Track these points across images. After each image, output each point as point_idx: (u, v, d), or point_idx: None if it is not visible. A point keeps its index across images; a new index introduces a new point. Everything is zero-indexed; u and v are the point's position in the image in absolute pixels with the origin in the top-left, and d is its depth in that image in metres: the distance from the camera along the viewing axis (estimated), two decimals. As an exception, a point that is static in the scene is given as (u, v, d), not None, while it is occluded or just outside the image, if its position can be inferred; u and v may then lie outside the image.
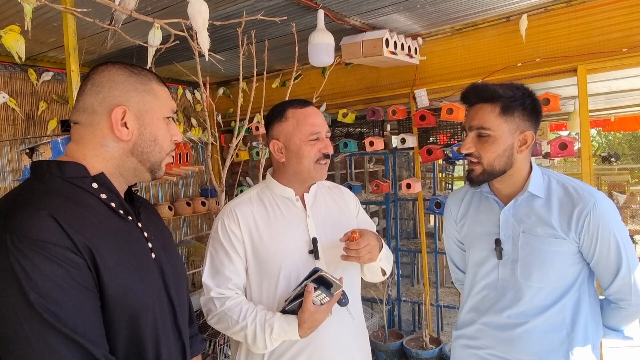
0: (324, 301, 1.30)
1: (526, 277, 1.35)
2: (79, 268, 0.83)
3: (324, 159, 1.43)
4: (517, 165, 1.35)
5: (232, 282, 1.41)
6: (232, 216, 1.43)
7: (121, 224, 0.95)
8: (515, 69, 2.98)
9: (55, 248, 0.81)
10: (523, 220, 1.36)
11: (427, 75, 3.37)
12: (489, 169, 1.34)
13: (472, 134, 1.35)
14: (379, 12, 2.70)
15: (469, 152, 1.36)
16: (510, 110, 1.30)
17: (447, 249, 1.65)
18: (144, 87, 0.99)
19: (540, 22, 2.86)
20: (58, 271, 0.81)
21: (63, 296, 0.80)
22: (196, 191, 4.44)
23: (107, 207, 0.94)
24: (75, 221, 0.85)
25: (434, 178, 3.79)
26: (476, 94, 1.34)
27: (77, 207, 0.89)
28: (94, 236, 0.87)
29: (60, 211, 0.85)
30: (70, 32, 1.43)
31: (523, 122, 1.32)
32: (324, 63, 2.58)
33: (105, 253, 0.87)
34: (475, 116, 1.34)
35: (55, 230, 0.82)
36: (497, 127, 1.31)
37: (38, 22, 2.52)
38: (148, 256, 0.99)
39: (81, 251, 0.84)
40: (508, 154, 1.33)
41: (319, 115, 1.46)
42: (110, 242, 0.90)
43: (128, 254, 0.93)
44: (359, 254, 1.32)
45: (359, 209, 1.64)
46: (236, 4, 2.42)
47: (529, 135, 1.33)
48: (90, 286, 0.85)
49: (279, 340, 1.33)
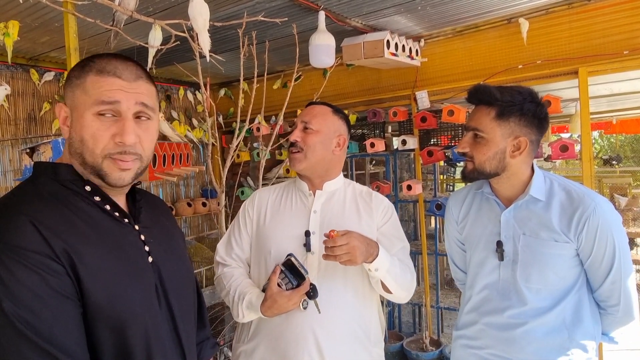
0: (289, 287, 1.35)
1: (526, 279, 1.35)
2: (58, 275, 0.81)
3: (291, 147, 1.53)
4: (512, 169, 1.36)
5: (234, 253, 1.58)
6: (252, 198, 1.64)
7: (114, 227, 0.93)
8: (516, 71, 2.98)
9: (32, 255, 0.79)
10: (524, 223, 1.36)
11: (428, 76, 3.37)
12: (480, 169, 1.37)
13: (469, 134, 1.38)
14: (380, 13, 2.70)
15: (463, 151, 1.40)
16: (505, 115, 1.31)
17: (448, 249, 1.65)
18: (77, 82, 0.91)
19: (541, 24, 2.86)
20: (35, 279, 0.78)
21: (40, 305, 0.78)
22: (197, 192, 4.44)
23: (101, 209, 0.93)
24: (56, 226, 0.83)
25: (435, 180, 3.79)
26: (477, 96, 1.35)
27: (63, 212, 0.87)
28: (78, 241, 0.85)
29: (42, 216, 0.83)
30: (71, 33, 1.43)
31: (519, 128, 1.32)
32: (324, 64, 2.58)
33: (89, 259, 0.85)
34: (474, 117, 1.36)
35: (34, 236, 0.80)
36: (490, 130, 1.33)
37: (40, 22, 2.52)
38: (143, 260, 0.96)
39: (60, 258, 0.81)
40: (499, 157, 1.34)
41: (303, 110, 1.60)
42: (97, 248, 0.87)
43: (118, 259, 0.90)
44: (334, 252, 1.30)
45: (388, 222, 1.58)
46: (237, 5, 2.42)
47: (522, 141, 1.33)
48: (70, 294, 0.82)
49: (248, 312, 1.42)
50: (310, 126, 1.52)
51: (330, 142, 1.54)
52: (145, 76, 0.94)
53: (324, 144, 1.52)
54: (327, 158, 1.55)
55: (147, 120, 0.93)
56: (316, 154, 1.51)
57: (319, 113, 1.56)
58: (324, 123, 1.53)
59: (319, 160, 1.53)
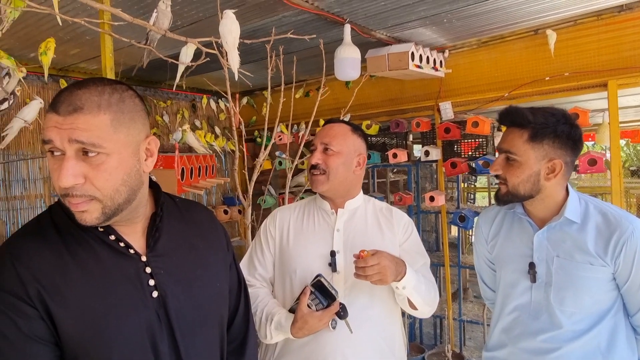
0: (319, 307, 1.35)
1: (560, 302, 1.33)
2: (28, 319, 0.80)
3: (312, 169, 1.52)
4: (547, 191, 1.34)
5: (258, 273, 1.57)
6: (273, 217, 1.62)
7: (115, 260, 0.90)
8: (543, 82, 2.94)
9: (5, 296, 0.80)
10: (558, 245, 1.34)
11: (452, 87, 3.35)
12: (513, 192, 1.35)
13: (501, 156, 1.37)
14: (405, 26, 2.70)
15: (496, 173, 1.38)
16: (539, 137, 1.29)
17: (477, 267, 1.64)
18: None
19: (569, 36, 2.82)
20: (4, 321, 0.79)
21: (7, 347, 0.79)
22: (219, 199, 4.48)
23: (103, 241, 0.90)
24: (38, 267, 0.82)
25: (458, 190, 3.75)
26: (509, 118, 1.34)
27: (54, 249, 0.85)
28: (60, 283, 0.83)
29: (26, 257, 0.83)
30: (107, 53, 1.47)
31: (553, 150, 1.30)
32: (350, 77, 2.59)
33: (70, 301, 0.83)
34: (506, 139, 1.35)
35: (10, 277, 0.81)
36: (523, 152, 1.31)
37: (71, 36, 2.59)
38: (140, 296, 0.90)
39: (33, 301, 0.80)
40: (533, 180, 1.32)
41: (321, 129, 1.58)
42: (81, 288, 0.84)
43: (103, 299, 0.86)
44: (365, 272, 1.31)
45: (409, 238, 1.58)
46: (263, 19, 2.45)
47: (557, 163, 1.31)
48: (41, 337, 0.81)
49: (277, 333, 1.41)
50: (331, 147, 1.51)
51: (352, 162, 1.54)
52: (88, 106, 0.81)
53: (345, 165, 1.52)
54: (349, 178, 1.55)
55: (97, 155, 0.82)
56: (338, 175, 1.51)
57: (339, 133, 1.54)
58: (344, 143, 1.53)
59: (341, 181, 1.53)
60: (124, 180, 0.87)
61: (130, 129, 0.87)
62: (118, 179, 0.86)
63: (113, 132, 0.84)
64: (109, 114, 0.83)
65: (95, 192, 0.83)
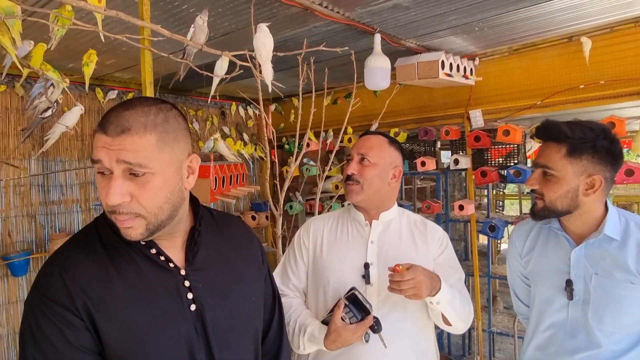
0: (353, 320, 1.35)
1: (598, 321, 1.29)
2: (74, 329, 0.84)
3: (347, 180, 1.52)
4: (585, 207, 1.31)
5: (291, 283, 1.58)
6: (307, 227, 1.64)
7: (156, 274, 0.93)
8: (577, 91, 2.87)
9: (55, 306, 0.84)
10: (596, 262, 1.31)
11: (482, 95, 3.31)
12: (551, 207, 1.33)
13: (538, 171, 1.35)
14: (435, 35, 2.69)
15: (533, 188, 1.36)
16: (577, 152, 1.27)
17: (511, 282, 1.61)
18: None
19: (605, 43, 2.76)
20: (53, 329, 0.83)
21: (53, 354, 0.82)
22: (246, 205, 4.53)
23: (145, 255, 0.93)
24: (85, 279, 0.86)
25: (488, 199, 3.70)
26: (546, 132, 1.32)
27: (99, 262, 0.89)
28: (105, 295, 0.86)
29: (74, 269, 0.87)
30: (147, 67, 1.51)
31: (592, 165, 1.28)
32: (380, 87, 2.59)
33: (113, 313, 0.86)
34: (543, 154, 1.33)
35: (59, 289, 0.85)
36: (561, 168, 1.29)
37: (108, 47, 2.67)
38: (179, 309, 0.93)
39: (80, 312, 0.84)
40: (572, 195, 1.30)
41: (358, 140, 1.58)
42: (123, 300, 0.88)
43: (143, 311, 0.89)
44: (401, 286, 1.30)
45: (444, 252, 1.57)
46: (294, 29, 2.48)
47: (597, 179, 1.28)
48: (86, 347, 0.84)
49: (310, 344, 1.42)
50: (368, 158, 1.51)
51: (387, 174, 1.54)
52: (135, 127, 0.84)
53: (381, 176, 1.52)
54: (384, 190, 1.54)
55: (143, 175, 0.85)
56: (373, 186, 1.51)
57: (376, 145, 1.54)
58: (380, 155, 1.53)
59: (376, 193, 1.52)
60: (168, 198, 0.90)
61: (174, 149, 0.90)
62: (162, 197, 0.88)
63: (158, 152, 0.86)
64: (155, 134, 0.86)
65: (140, 210, 0.86)
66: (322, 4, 2.15)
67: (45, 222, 3.11)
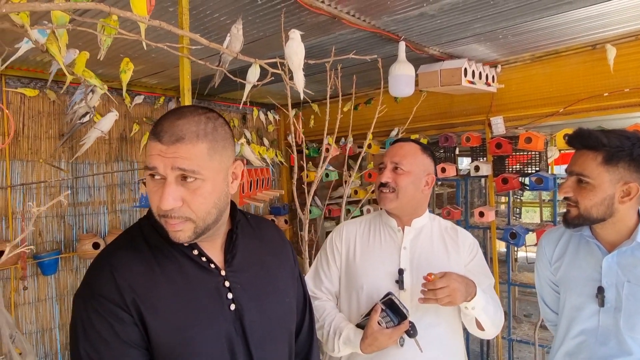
0: (389, 325, 1.36)
1: (630, 328, 1.30)
2: (124, 324, 0.87)
3: (381, 187, 1.55)
4: (619, 215, 1.32)
5: (324, 286, 1.61)
6: (339, 231, 1.66)
7: (198, 274, 0.96)
8: (601, 98, 2.87)
9: (106, 302, 0.87)
10: (629, 270, 1.32)
11: (503, 102, 3.31)
12: (585, 215, 1.34)
13: (572, 179, 1.35)
14: (458, 42, 2.71)
15: (567, 195, 1.36)
16: (614, 160, 1.28)
17: (539, 289, 1.62)
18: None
19: (630, 50, 2.75)
20: (104, 325, 0.87)
21: (104, 349, 0.86)
22: (266, 209, 4.58)
23: (187, 256, 0.96)
24: (133, 277, 0.90)
25: (509, 206, 3.69)
26: (580, 140, 1.33)
27: (145, 262, 0.93)
28: (152, 292, 0.90)
29: (122, 267, 0.90)
30: (185, 75, 1.56)
31: (629, 173, 1.29)
32: (404, 94, 2.62)
33: (160, 310, 0.90)
34: (577, 162, 1.33)
35: (110, 286, 0.88)
36: (597, 175, 1.30)
37: (139, 54, 2.74)
38: (220, 308, 0.96)
39: (130, 308, 0.88)
40: (607, 203, 1.31)
41: (391, 147, 1.60)
42: (169, 299, 0.91)
43: (188, 310, 0.92)
44: (436, 295, 1.32)
45: (474, 259, 1.60)
46: (319, 37, 2.52)
47: (633, 187, 1.29)
48: (134, 342, 0.88)
49: (345, 347, 1.44)
50: (402, 167, 1.53)
51: (420, 181, 1.56)
52: (189, 136, 0.88)
53: (414, 184, 1.54)
54: (417, 197, 1.57)
55: (194, 181, 0.89)
56: (407, 194, 1.53)
57: (409, 153, 1.56)
58: (414, 163, 1.55)
59: (410, 200, 1.55)
60: (215, 203, 0.94)
61: (223, 156, 0.94)
62: (211, 203, 0.93)
63: (209, 160, 0.91)
64: (206, 142, 0.90)
65: (190, 214, 0.90)
66: (350, 12, 2.19)
67: (74, 222, 3.19)
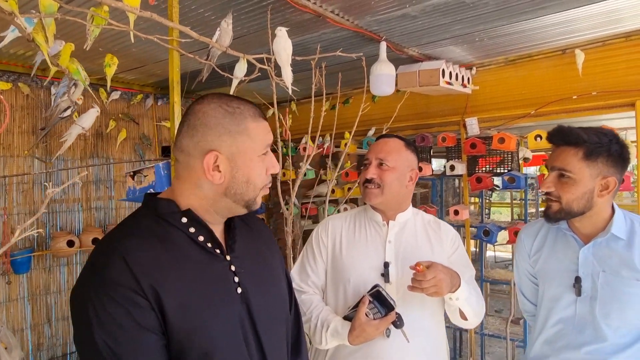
0: (377, 316, 1.39)
1: (605, 316, 1.37)
2: (142, 310, 0.87)
3: (366, 183, 1.58)
4: (597, 208, 1.39)
5: (310, 280, 1.62)
6: (325, 226, 1.67)
7: (203, 259, 0.97)
8: (570, 101, 3.00)
9: (121, 289, 0.86)
10: (604, 260, 1.39)
11: (478, 103, 3.42)
12: (567, 209, 1.40)
13: (554, 174, 1.41)
14: (437, 44, 2.79)
15: (548, 190, 1.42)
16: (593, 155, 1.34)
17: (517, 281, 1.68)
18: (237, 129, 0.97)
19: (598, 56, 2.89)
20: (120, 311, 0.85)
21: (122, 335, 0.85)
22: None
23: (193, 241, 0.97)
24: (146, 263, 0.89)
25: (482, 205, 3.80)
26: (561, 137, 1.39)
27: (154, 247, 0.93)
28: (165, 277, 0.90)
29: (133, 253, 0.89)
30: (174, 67, 1.55)
31: (607, 168, 1.36)
32: (385, 93, 2.67)
33: (173, 294, 0.90)
34: (558, 158, 1.39)
35: (124, 272, 0.87)
36: (578, 170, 1.36)
37: (119, 47, 2.70)
38: (229, 292, 0.98)
39: (146, 293, 0.87)
40: (588, 197, 1.37)
41: (376, 143, 1.63)
42: (181, 282, 0.92)
43: (201, 293, 0.93)
44: (422, 285, 1.35)
45: (457, 250, 1.64)
46: (303, 35, 2.55)
47: (611, 181, 1.36)
48: (152, 327, 0.87)
49: (332, 340, 1.46)
50: (387, 163, 1.56)
51: (405, 177, 1.59)
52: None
53: (399, 180, 1.57)
54: (402, 192, 1.60)
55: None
56: (392, 190, 1.56)
57: (394, 149, 1.59)
58: (399, 159, 1.58)
59: (395, 195, 1.58)
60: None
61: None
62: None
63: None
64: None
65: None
66: (334, 11, 2.23)
67: (47, 220, 3.11)
